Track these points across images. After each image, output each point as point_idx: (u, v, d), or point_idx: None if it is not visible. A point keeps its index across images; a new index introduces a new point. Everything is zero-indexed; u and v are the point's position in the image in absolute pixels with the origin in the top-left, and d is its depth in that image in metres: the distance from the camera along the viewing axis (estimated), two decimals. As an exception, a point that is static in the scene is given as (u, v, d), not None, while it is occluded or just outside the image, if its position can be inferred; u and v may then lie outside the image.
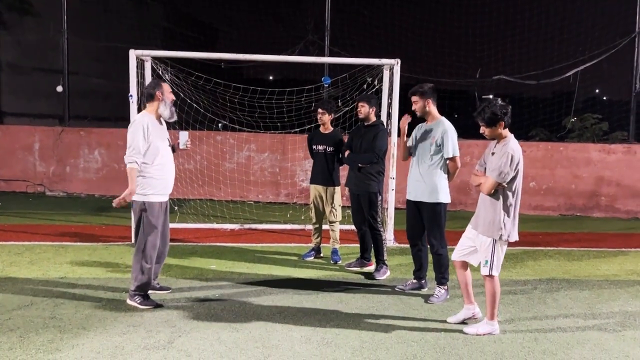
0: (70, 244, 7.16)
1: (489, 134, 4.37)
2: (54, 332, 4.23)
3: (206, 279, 5.80)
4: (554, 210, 10.99)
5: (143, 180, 4.88)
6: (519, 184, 4.32)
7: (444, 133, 5.15)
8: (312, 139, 6.70)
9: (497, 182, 4.25)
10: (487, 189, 4.32)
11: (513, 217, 4.34)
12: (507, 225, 4.32)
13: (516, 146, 4.30)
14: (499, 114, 4.25)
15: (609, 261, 7.11)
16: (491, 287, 4.42)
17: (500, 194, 4.30)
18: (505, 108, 4.29)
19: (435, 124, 5.30)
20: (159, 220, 4.94)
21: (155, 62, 7.68)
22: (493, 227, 4.32)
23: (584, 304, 5.34)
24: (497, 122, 4.28)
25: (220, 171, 10.82)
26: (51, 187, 11.90)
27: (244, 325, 4.50)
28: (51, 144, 11.88)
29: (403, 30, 11.80)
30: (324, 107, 6.55)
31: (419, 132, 5.40)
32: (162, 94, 4.97)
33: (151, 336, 4.21)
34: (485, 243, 4.39)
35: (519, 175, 4.28)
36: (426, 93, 5.29)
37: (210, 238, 7.83)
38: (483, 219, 4.41)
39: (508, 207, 4.30)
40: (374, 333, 4.42)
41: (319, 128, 6.69)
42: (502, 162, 4.21)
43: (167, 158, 5.03)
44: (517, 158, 4.23)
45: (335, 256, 6.63)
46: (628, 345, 4.32)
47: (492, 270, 4.37)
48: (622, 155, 10.89)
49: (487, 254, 4.38)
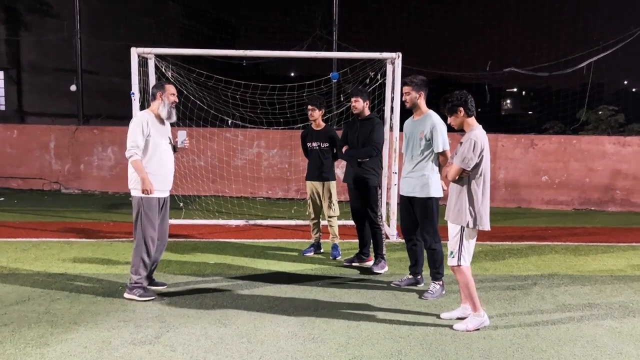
0: (75, 240, 7.30)
1: (453, 122, 4.49)
2: (46, 327, 4.31)
3: (204, 274, 5.84)
4: (567, 205, 10.75)
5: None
6: (485, 171, 4.35)
7: (433, 127, 5.10)
8: (306, 136, 6.70)
9: (461, 168, 4.29)
10: (451, 175, 4.37)
11: (481, 204, 4.34)
12: (474, 212, 4.33)
13: (481, 133, 4.37)
14: (456, 100, 4.39)
15: (617, 256, 6.93)
16: (462, 278, 4.42)
17: (465, 181, 4.36)
18: (463, 96, 4.41)
19: (423, 118, 5.24)
20: (156, 215, 5.03)
21: (158, 60, 7.75)
22: (460, 214, 4.36)
23: (584, 299, 5.22)
24: (456, 108, 4.40)
25: (229, 168, 10.89)
26: (67, 184, 12.14)
27: (232, 320, 4.52)
28: (66, 143, 12.11)
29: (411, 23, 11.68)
30: (313, 103, 6.53)
31: (408, 128, 5.36)
32: (162, 94, 5.07)
33: (140, 331, 4.26)
34: (453, 231, 4.41)
35: (483, 161, 4.32)
36: (419, 85, 5.24)
37: (214, 234, 7.88)
38: (452, 208, 4.44)
39: (473, 194, 4.33)
40: (362, 329, 4.39)
41: (311, 125, 6.68)
42: (465, 148, 4.28)
43: (166, 155, 5.11)
44: (481, 144, 4.29)
45: (335, 251, 6.61)
46: (623, 342, 4.21)
47: (460, 260, 4.38)
48: (639, 147, 10.59)
49: (454, 244, 4.40)
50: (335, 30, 11.35)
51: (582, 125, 11.79)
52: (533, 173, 10.68)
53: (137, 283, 5.00)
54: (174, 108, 5.14)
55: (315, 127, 6.61)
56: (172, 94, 5.12)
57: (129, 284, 5.04)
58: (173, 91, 5.15)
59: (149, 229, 4.99)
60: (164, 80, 6.70)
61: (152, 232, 5.01)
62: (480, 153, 4.27)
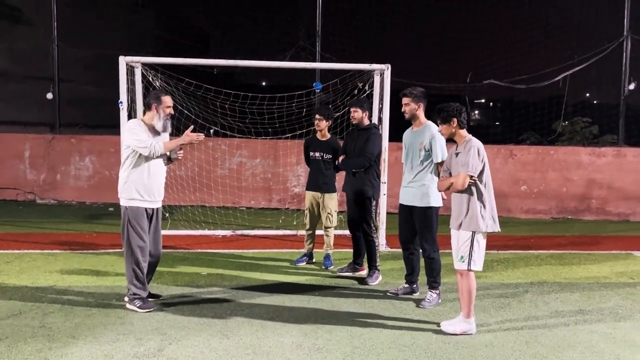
0: (60, 252, 7.11)
1: (445, 131, 4.66)
2: (43, 341, 4.19)
3: (197, 285, 5.77)
4: (545, 214, 11.03)
5: (130, 185, 4.90)
6: (487, 178, 4.51)
7: (432, 138, 5.20)
8: (309, 145, 6.69)
9: (468, 176, 4.41)
10: (461, 184, 4.46)
11: (490, 208, 4.49)
12: (486, 216, 4.46)
13: (479, 142, 4.57)
14: (452, 111, 4.56)
15: (599, 264, 7.14)
16: (467, 283, 4.50)
17: (473, 188, 4.47)
18: (458, 108, 4.61)
19: (422, 129, 5.34)
20: (145, 225, 4.93)
21: (146, 69, 7.67)
22: (472, 221, 4.46)
23: (575, 306, 5.35)
24: (450, 118, 4.56)
25: (212, 177, 10.80)
26: (42, 195, 11.83)
27: (234, 331, 4.48)
28: (42, 152, 11.81)
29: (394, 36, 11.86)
30: (321, 113, 6.55)
31: (408, 138, 5.46)
32: (157, 107, 4.96)
33: (141, 344, 4.18)
34: (464, 237, 4.49)
35: (486, 167, 4.49)
36: (419, 97, 5.36)
37: (202, 245, 7.80)
38: (462, 215, 4.53)
39: (483, 199, 4.46)
40: (366, 338, 4.41)
41: (316, 134, 6.69)
42: (470, 156, 4.44)
43: (155, 165, 5.01)
44: (482, 151, 4.51)
45: (327, 261, 6.62)
46: (619, 347, 4.34)
47: (470, 264, 4.46)
48: (612, 158, 10.96)
49: (464, 249, 4.48)
50: (319, 41, 11.43)
51: (558, 136, 12.13)
52: (512, 182, 10.92)
53: (135, 294, 4.91)
54: (169, 120, 5.04)
55: (321, 137, 6.62)
56: (167, 107, 5.00)
57: (129, 294, 4.96)
58: (169, 103, 5.04)
59: (136, 238, 4.88)
60: (160, 90, 6.54)
61: (140, 241, 4.89)
62: (482, 159, 4.47)
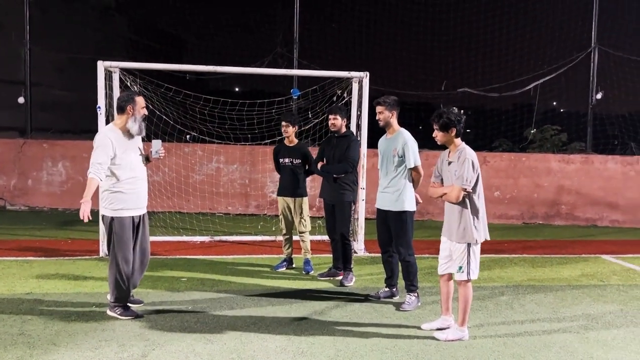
0: (35, 258, 6.99)
1: (441, 138, 4.62)
2: (23, 348, 4.13)
3: (177, 290, 5.75)
4: (517, 219, 11.30)
5: (112, 195, 4.82)
6: (480, 187, 4.55)
7: (404, 144, 5.34)
8: (279, 152, 6.74)
9: (464, 189, 4.42)
10: (455, 197, 4.47)
11: (482, 218, 4.54)
12: (479, 227, 4.50)
13: (472, 152, 4.56)
14: (454, 120, 4.51)
15: (570, 267, 7.36)
16: (465, 292, 4.56)
17: (467, 200, 4.48)
18: (459, 116, 4.57)
19: (395, 136, 5.49)
20: (129, 235, 4.87)
21: (124, 74, 7.62)
22: (466, 233, 4.48)
23: (549, 308, 5.52)
24: (450, 127, 4.54)
25: (189, 183, 10.74)
26: (12, 200, 11.56)
27: (218, 336, 4.49)
28: (12, 157, 11.56)
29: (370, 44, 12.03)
30: (287, 119, 6.61)
31: (382, 145, 5.60)
32: (132, 109, 4.82)
33: (124, 350, 4.16)
34: (459, 249, 4.53)
35: (479, 178, 4.52)
36: (392, 105, 5.49)
37: (181, 251, 7.75)
38: (455, 227, 4.55)
39: (476, 210, 4.50)
40: (349, 342, 4.47)
41: (284, 141, 6.75)
42: (465, 169, 4.42)
43: (139, 171, 4.94)
44: (476, 162, 4.50)
45: (308, 266, 6.66)
46: (592, 347, 4.50)
47: (470, 274, 4.51)
48: (581, 165, 11.31)
49: (461, 259, 4.52)
50: (296, 48, 11.51)
51: (529, 144, 12.45)
52: (486, 188, 11.01)
53: (117, 302, 4.87)
54: (144, 121, 4.93)
55: (288, 143, 6.68)
56: (142, 107, 4.89)
57: (110, 302, 4.92)
58: (143, 104, 4.93)
59: (122, 250, 4.82)
60: (132, 91, 6.35)
61: (126, 252, 4.83)
62: (476, 170, 4.47)
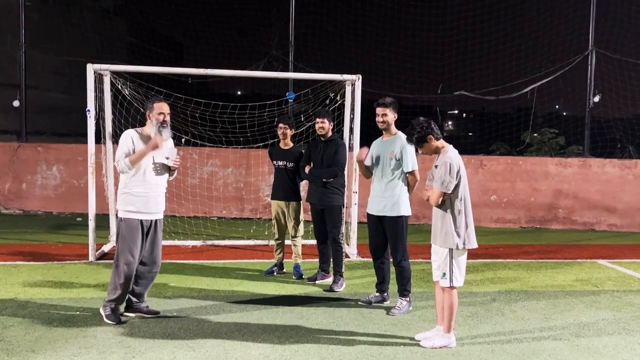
0: (23, 263, 6.92)
1: (426, 151, 4.58)
2: (1, 355, 4.06)
3: (164, 296, 5.67)
4: (514, 223, 11.20)
5: (122, 196, 4.88)
6: (464, 191, 4.43)
7: (403, 148, 5.23)
8: (272, 154, 6.68)
9: (442, 192, 4.35)
10: (434, 200, 4.43)
11: (466, 224, 4.42)
12: (461, 232, 4.40)
13: (454, 155, 4.46)
14: (423, 130, 4.46)
15: (565, 272, 7.26)
16: (449, 299, 4.46)
17: (447, 204, 4.42)
18: (425, 123, 4.49)
19: (393, 138, 5.38)
20: (136, 238, 4.83)
21: (115, 77, 7.57)
22: (447, 237, 4.41)
23: (540, 314, 5.43)
24: (425, 138, 4.48)
25: (182, 187, 10.67)
26: (6, 204, 11.52)
27: (201, 343, 4.41)
28: (7, 160, 11.52)
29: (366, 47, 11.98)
30: (285, 122, 6.54)
31: (378, 147, 5.47)
32: (150, 115, 4.90)
33: (104, 357, 4.08)
34: (442, 254, 4.45)
35: (462, 182, 4.41)
36: (395, 107, 5.41)
37: (171, 255, 7.67)
38: (439, 231, 4.49)
39: (457, 215, 4.40)
40: (334, 349, 4.39)
41: (279, 143, 6.67)
42: (442, 172, 4.36)
43: (151, 176, 4.89)
44: (456, 165, 4.38)
45: (297, 271, 6.58)
46: (582, 355, 4.41)
47: (453, 281, 4.42)
48: (578, 168, 11.22)
49: (445, 265, 4.44)
50: (291, 50, 11.46)
51: (527, 147, 12.37)
52: (482, 192, 11.08)
53: (110, 302, 4.87)
54: (164, 127, 4.89)
55: (283, 145, 6.60)
56: (159, 113, 4.88)
57: (105, 299, 4.92)
58: (160, 110, 4.91)
59: (125, 252, 4.80)
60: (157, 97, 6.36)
61: (129, 256, 4.79)
62: (457, 174, 4.37)
